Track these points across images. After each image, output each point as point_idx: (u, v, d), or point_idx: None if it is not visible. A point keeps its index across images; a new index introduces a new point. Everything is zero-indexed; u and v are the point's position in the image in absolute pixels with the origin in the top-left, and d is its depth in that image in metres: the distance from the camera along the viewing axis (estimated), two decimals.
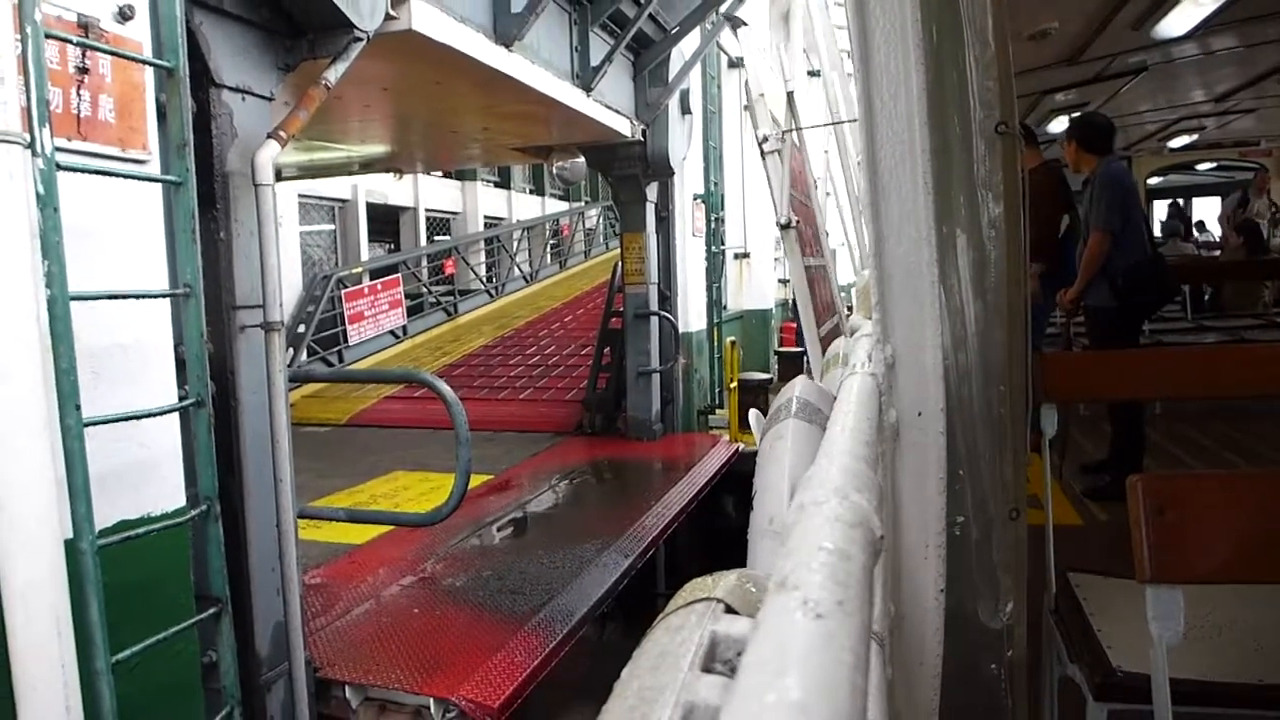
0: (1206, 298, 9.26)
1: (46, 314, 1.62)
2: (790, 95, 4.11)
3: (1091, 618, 2.12)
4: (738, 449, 6.48)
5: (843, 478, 0.72)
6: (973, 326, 1.27)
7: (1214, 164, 13.19)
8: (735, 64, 10.03)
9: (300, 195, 11.54)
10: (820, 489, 0.67)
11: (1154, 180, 12.89)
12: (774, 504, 1.14)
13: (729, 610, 0.61)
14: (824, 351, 3.97)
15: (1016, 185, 1.33)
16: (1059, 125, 7.61)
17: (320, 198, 12.64)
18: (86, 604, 1.69)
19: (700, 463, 5.92)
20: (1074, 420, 5.93)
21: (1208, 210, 17.44)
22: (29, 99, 1.60)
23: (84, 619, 1.67)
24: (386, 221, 14.91)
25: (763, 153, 3.92)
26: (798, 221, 3.81)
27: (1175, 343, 6.73)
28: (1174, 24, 4.97)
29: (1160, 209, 14.70)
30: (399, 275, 11.29)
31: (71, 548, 1.66)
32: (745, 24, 5.25)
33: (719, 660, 0.56)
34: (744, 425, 7.06)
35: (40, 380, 1.57)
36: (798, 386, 1.52)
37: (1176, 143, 10.30)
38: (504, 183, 18.29)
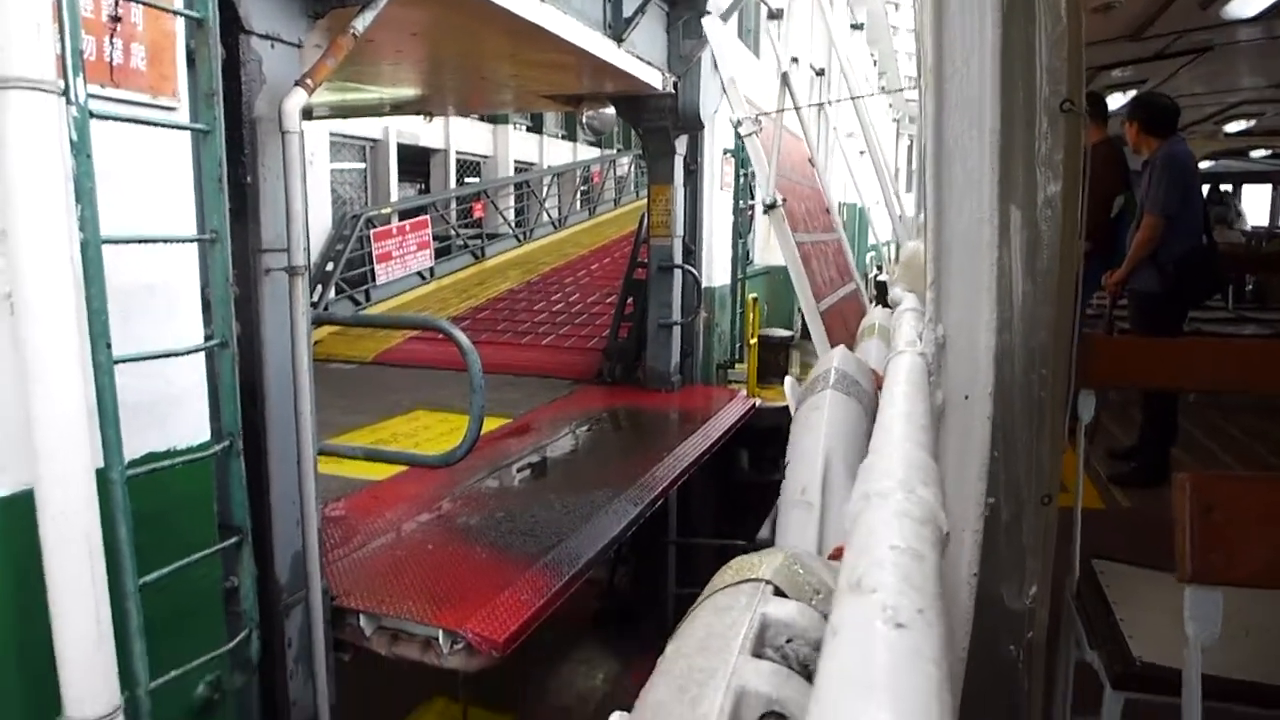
0: (1249, 288, 9.06)
1: (80, 257, 1.71)
2: (785, 75, 4.07)
3: (1114, 606, 2.13)
4: (755, 404, 6.54)
5: (906, 469, 0.68)
6: (1020, 307, 1.24)
7: (1269, 151, 12.76)
8: (774, 15, 9.83)
9: (332, 133, 11.60)
10: (885, 480, 0.64)
11: (1205, 164, 12.50)
12: (807, 474, 1.15)
13: (778, 592, 0.61)
14: (825, 324, 3.99)
15: (1078, 165, 1.29)
16: (1114, 102, 7.42)
17: (352, 137, 12.67)
18: (116, 530, 1.80)
19: (716, 416, 5.99)
20: (1103, 405, 5.86)
21: (1259, 198, 16.92)
22: (63, 48, 1.66)
23: (114, 543, 1.79)
24: (417, 162, 14.93)
25: (740, 136, 3.91)
26: (784, 200, 3.81)
27: (1214, 332, 6.59)
28: (1245, 5, 4.77)
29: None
30: (428, 217, 11.36)
31: (102, 477, 1.77)
32: (709, 12, 5.17)
33: (769, 645, 0.56)
34: (762, 380, 7.12)
35: (74, 320, 1.66)
36: (836, 358, 1.51)
37: (1232, 127, 9.96)
38: (536, 127, 18.18)
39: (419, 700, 5.46)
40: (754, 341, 6.91)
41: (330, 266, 9.53)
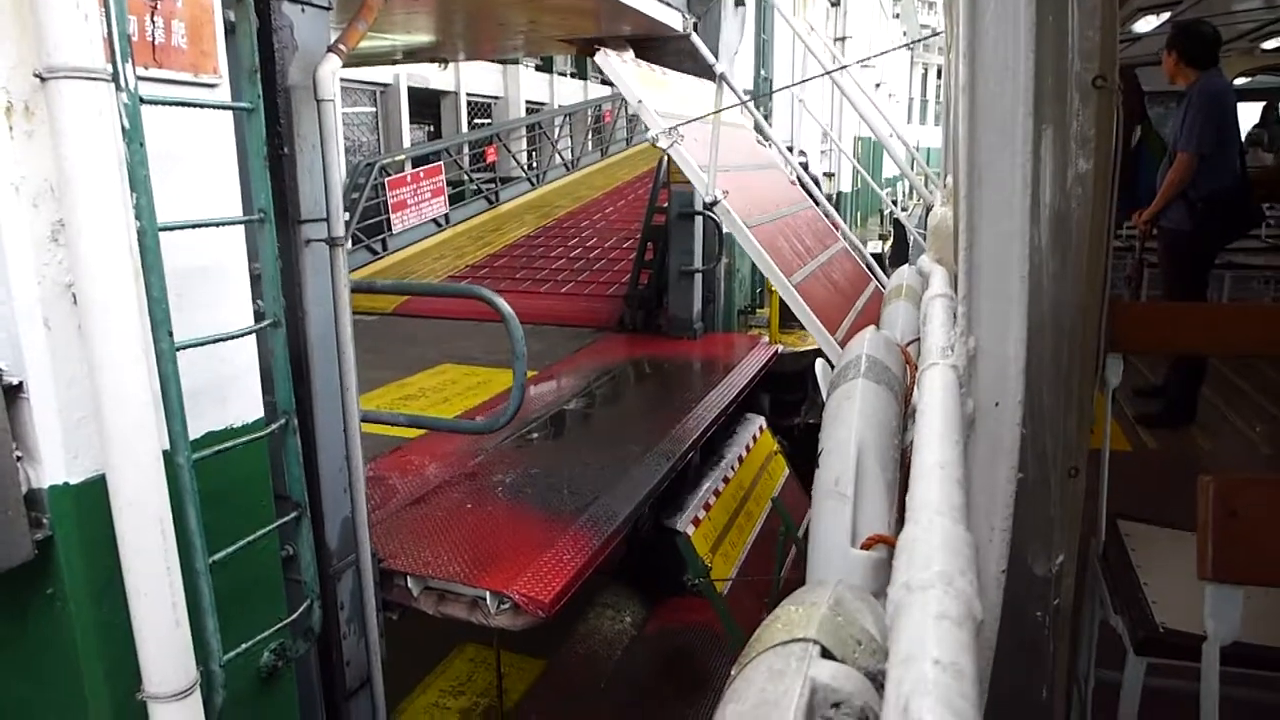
0: None
1: (137, 245, 1.71)
2: (721, 76, 4.15)
3: (1139, 570, 2.16)
4: (777, 350, 6.54)
5: (944, 553, 0.68)
6: (1048, 282, 1.22)
7: None
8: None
9: (342, 80, 11.41)
10: (923, 571, 0.64)
11: (1240, 81, 12.14)
12: (839, 465, 1.16)
13: (825, 653, 0.64)
14: (806, 290, 4.03)
15: (1109, 144, 1.26)
16: (1144, 25, 7.19)
17: (363, 82, 12.49)
18: (184, 511, 1.83)
19: (740, 365, 6.00)
20: None
21: None
22: (110, 33, 1.63)
23: (183, 525, 1.82)
24: (428, 105, 14.71)
25: (662, 149, 3.98)
26: (726, 194, 3.83)
27: (1245, 264, 6.49)
28: None
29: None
30: (441, 163, 11.24)
31: (169, 460, 1.79)
32: (600, 48, 5.12)
33: (819, 714, 0.59)
34: (784, 325, 7.11)
35: (135, 309, 1.67)
36: (866, 342, 1.49)
37: (1271, 44, 9.63)
38: (546, 67, 17.83)
39: (451, 645, 5.60)
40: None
41: (346, 217, 9.47)
